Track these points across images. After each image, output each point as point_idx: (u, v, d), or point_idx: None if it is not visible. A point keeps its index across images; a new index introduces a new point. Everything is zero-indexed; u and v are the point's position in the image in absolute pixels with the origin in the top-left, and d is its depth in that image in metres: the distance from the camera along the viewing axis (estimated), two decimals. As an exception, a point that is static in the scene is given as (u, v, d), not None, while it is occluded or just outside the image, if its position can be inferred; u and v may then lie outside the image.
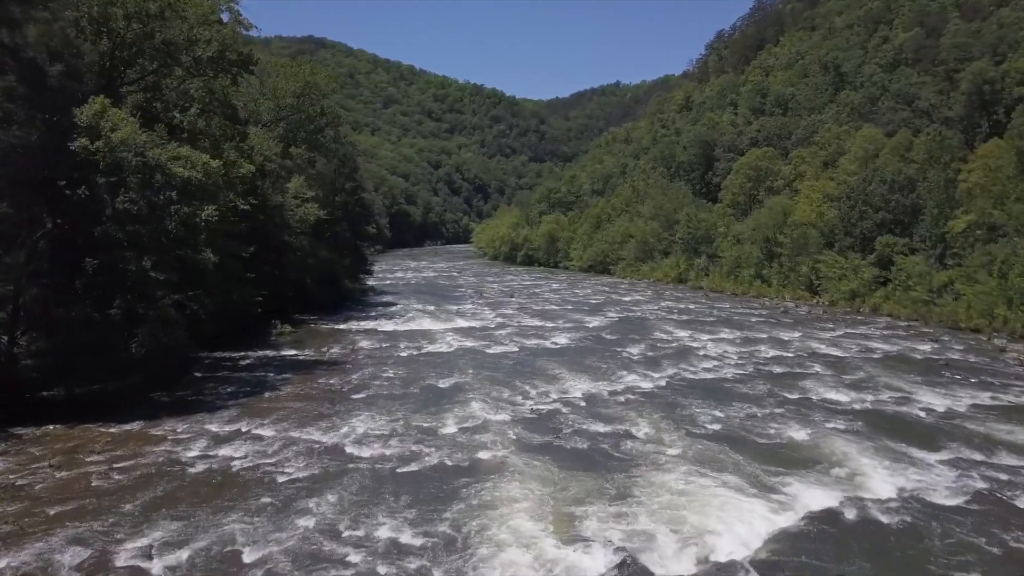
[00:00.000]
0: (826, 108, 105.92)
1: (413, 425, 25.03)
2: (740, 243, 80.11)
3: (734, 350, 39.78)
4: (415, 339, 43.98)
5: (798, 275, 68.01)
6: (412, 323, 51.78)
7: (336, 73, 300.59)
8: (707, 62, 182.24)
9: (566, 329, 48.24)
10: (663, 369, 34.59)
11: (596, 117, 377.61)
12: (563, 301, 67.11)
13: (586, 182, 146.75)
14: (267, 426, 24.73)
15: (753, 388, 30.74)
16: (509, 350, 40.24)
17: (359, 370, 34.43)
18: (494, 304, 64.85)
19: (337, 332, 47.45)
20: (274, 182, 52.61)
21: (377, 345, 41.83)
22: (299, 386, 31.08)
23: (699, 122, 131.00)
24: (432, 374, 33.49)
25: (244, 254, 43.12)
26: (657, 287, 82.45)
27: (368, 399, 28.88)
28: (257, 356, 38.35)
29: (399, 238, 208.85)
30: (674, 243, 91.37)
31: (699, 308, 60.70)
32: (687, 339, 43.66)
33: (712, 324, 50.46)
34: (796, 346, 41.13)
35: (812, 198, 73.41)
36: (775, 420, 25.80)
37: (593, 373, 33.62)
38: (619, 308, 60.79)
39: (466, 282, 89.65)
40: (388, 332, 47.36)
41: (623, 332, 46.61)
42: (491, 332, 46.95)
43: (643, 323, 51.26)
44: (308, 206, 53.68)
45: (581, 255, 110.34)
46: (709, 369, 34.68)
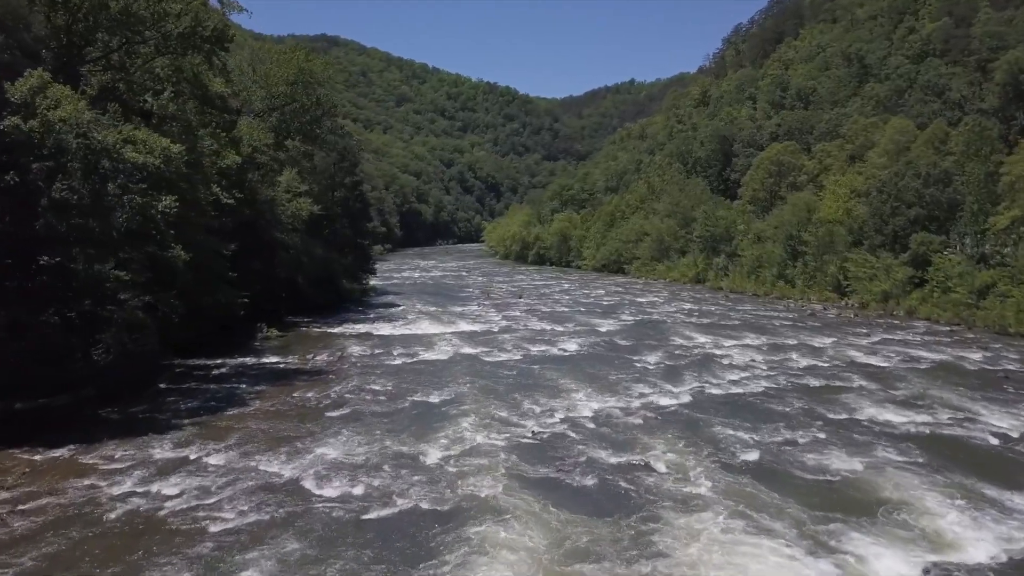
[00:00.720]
0: (850, 101, 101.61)
1: (392, 452, 21.29)
2: (761, 241, 76.05)
3: (762, 358, 35.82)
4: (411, 345, 40.29)
5: (825, 275, 63.91)
6: (411, 326, 48.12)
7: (349, 71, 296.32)
8: (724, 56, 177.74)
9: (576, 333, 44.43)
10: (684, 381, 30.68)
11: (610, 115, 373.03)
12: (574, 302, 63.30)
13: (600, 179, 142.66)
14: (221, 452, 21.07)
15: (789, 405, 26.79)
16: (512, 358, 36.45)
17: (343, 381, 30.73)
18: (501, 306, 61.11)
19: (328, 336, 43.84)
20: (264, 175, 49.08)
21: (369, 351, 38.17)
22: (271, 400, 27.43)
23: (716, 117, 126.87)
24: (423, 386, 29.76)
25: (226, 251, 39.58)
26: (674, 287, 78.45)
27: (346, 417, 25.18)
28: (235, 364, 34.75)
29: (410, 237, 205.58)
30: (691, 242, 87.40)
31: (720, 310, 56.71)
32: (709, 345, 39.75)
33: (735, 328, 46.50)
34: (830, 354, 37.12)
35: (838, 194, 69.28)
36: (819, 447, 21.87)
37: (604, 386, 29.78)
38: (634, 310, 56.91)
39: (474, 282, 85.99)
40: (383, 336, 43.70)
41: (638, 337, 42.76)
42: (494, 337, 43.21)
43: (660, 327, 47.38)
44: (301, 201, 50.08)
45: (594, 254, 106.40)
46: (736, 382, 30.71)
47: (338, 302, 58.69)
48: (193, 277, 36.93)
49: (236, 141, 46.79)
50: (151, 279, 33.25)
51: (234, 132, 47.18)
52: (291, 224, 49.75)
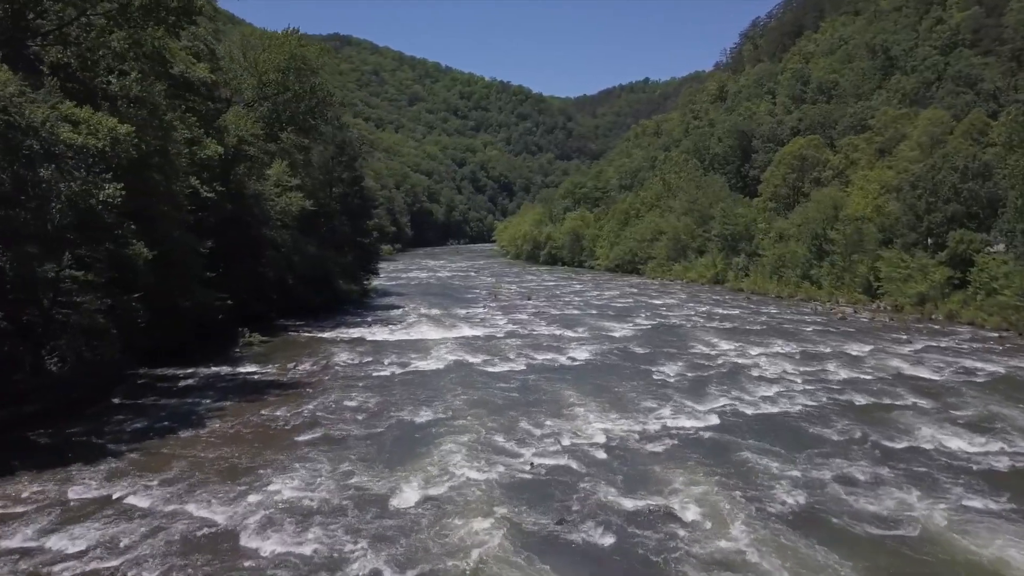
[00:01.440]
0: (875, 94, 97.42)
1: (360, 489, 17.57)
2: (783, 240, 71.96)
3: (795, 369, 31.86)
4: (406, 352, 36.60)
5: (854, 276, 59.79)
6: (409, 331, 44.44)
7: (361, 70, 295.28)
8: (741, 51, 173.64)
9: (587, 339, 40.60)
10: (709, 398, 26.78)
11: (624, 114, 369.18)
12: (586, 305, 59.44)
13: (613, 177, 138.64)
14: (153, 489, 17.42)
15: (834, 429, 22.84)
16: (514, 368, 32.62)
17: (321, 396, 27.03)
18: (507, 308, 57.36)
19: (317, 342, 40.20)
20: (251, 167, 45.55)
21: (358, 360, 34.48)
22: (234, 419, 23.77)
23: (734, 112, 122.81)
24: (411, 403, 26.03)
25: (202, 249, 36.05)
26: (692, 289, 74.43)
27: (315, 442, 21.47)
28: (206, 374, 31.15)
29: (421, 237, 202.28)
30: (709, 240, 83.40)
31: (742, 314, 52.71)
32: (734, 354, 35.82)
33: (760, 333, 42.57)
34: (871, 364, 33.12)
35: (867, 189, 65.19)
36: (879, 486, 17.97)
37: (617, 403, 25.93)
38: (650, 313, 53.01)
39: (481, 283, 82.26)
40: (377, 342, 40.05)
41: (656, 344, 38.89)
42: (498, 343, 39.44)
43: (679, 332, 43.49)
44: (291, 195, 46.47)
45: (607, 254, 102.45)
46: (769, 398, 26.76)
47: (335, 304, 55.15)
48: (164, 277, 33.56)
49: (220, 131, 43.36)
50: (113, 280, 29.76)
51: (218, 121, 43.72)
52: (281, 220, 46.20)
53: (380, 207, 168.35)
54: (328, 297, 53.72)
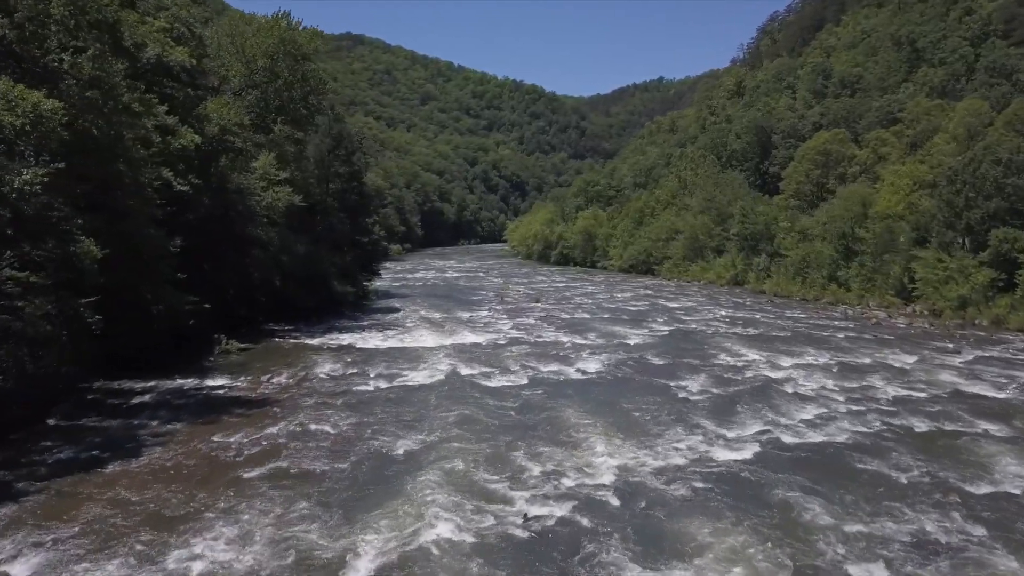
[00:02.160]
0: (901, 87, 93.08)
1: (302, 553, 13.83)
2: (808, 239, 67.94)
3: (835, 385, 27.95)
4: (397, 362, 32.95)
5: (886, 278, 55.76)
6: (405, 337, 40.84)
7: (373, 70, 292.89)
8: (759, 46, 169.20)
9: (598, 348, 36.79)
10: (740, 422, 22.89)
11: (638, 113, 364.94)
12: (598, 308, 55.60)
13: (627, 175, 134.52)
14: (42, 549, 13.76)
15: (896, 465, 18.91)
16: (516, 382, 28.85)
17: (288, 417, 23.36)
18: (514, 311, 53.63)
19: (302, 349, 36.62)
20: (235, 160, 42.04)
21: (342, 371, 30.84)
22: (179, 448, 20.13)
23: (753, 107, 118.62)
24: (390, 427, 22.30)
25: (173, 247, 32.48)
26: (710, 290, 70.46)
27: (265, 478, 17.81)
28: (168, 387, 27.58)
29: (431, 236, 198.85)
30: (728, 240, 79.46)
31: (766, 318, 48.77)
32: (763, 365, 31.94)
33: (790, 341, 38.65)
34: (921, 379, 29.17)
35: (899, 185, 61.12)
36: (970, 550, 14.10)
37: (633, 429, 22.09)
38: (667, 318, 49.14)
39: (489, 284, 78.54)
40: (368, 350, 36.43)
41: (675, 353, 35.04)
42: (500, 352, 35.72)
43: (700, 340, 39.62)
44: (278, 190, 42.88)
45: (621, 254, 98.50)
46: (812, 423, 22.82)
47: (330, 306, 51.56)
48: (128, 278, 30.19)
49: (200, 119, 39.86)
50: (67, 282, 26.31)
51: (198, 109, 40.21)
52: (268, 217, 42.62)
53: (389, 206, 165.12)
54: (322, 299, 50.13)
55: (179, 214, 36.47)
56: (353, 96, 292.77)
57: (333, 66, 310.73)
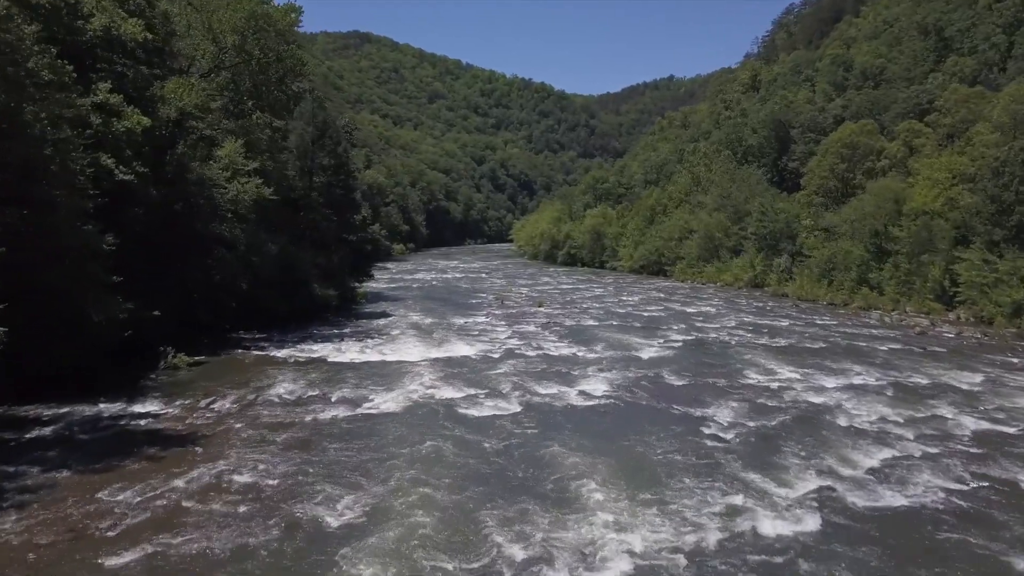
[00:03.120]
0: (929, 77, 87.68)
1: None
2: (834, 238, 62.79)
3: (896, 414, 22.87)
4: (369, 380, 28.05)
5: (924, 281, 50.55)
6: (387, 348, 35.97)
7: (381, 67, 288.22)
8: (774, 39, 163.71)
9: (606, 363, 31.78)
10: (790, 472, 17.76)
11: (648, 111, 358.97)
12: (606, 313, 50.58)
13: (638, 172, 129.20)
14: None
15: (1012, 543, 13.90)
16: (505, 411, 23.83)
17: (210, 461, 18.39)
18: (515, 316, 48.69)
19: (262, 364, 31.76)
20: (195, 146, 37.25)
21: (299, 393, 25.96)
22: (44, 511, 15.16)
23: (770, 101, 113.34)
24: (334, 480, 17.31)
25: (107, 246, 27.67)
26: (727, 293, 65.37)
27: (137, 567, 12.88)
28: (81, 417, 22.68)
29: (437, 236, 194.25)
30: (745, 239, 74.32)
31: (795, 326, 43.70)
32: (802, 386, 26.90)
33: (828, 355, 33.57)
34: (996, 404, 24.10)
35: (936, 179, 55.84)
36: None
37: (651, 485, 16.97)
38: (683, 325, 44.11)
39: (491, 286, 73.59)
40: (339, 365, 31.58)
41: (696, 371, 30.00)
42: (492, 368, 30.78)
43: (723, 353, 34.58)
44: (244, 181, 37.99)
45: (631, 254, 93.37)
46: (882, 473, 17.70)
47: (312, 311, 46.78)
48: (50, 282, 25.64)
49: (154, 101, 35.09)
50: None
51: (152, 90, 35.44)
52: (233, 212, 37.72)
53: (392, 204, 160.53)
54: (300, 304, 45.29)
55: (122, 207, 31.79)
56: (360, 94, 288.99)
57: (340, 64, 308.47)
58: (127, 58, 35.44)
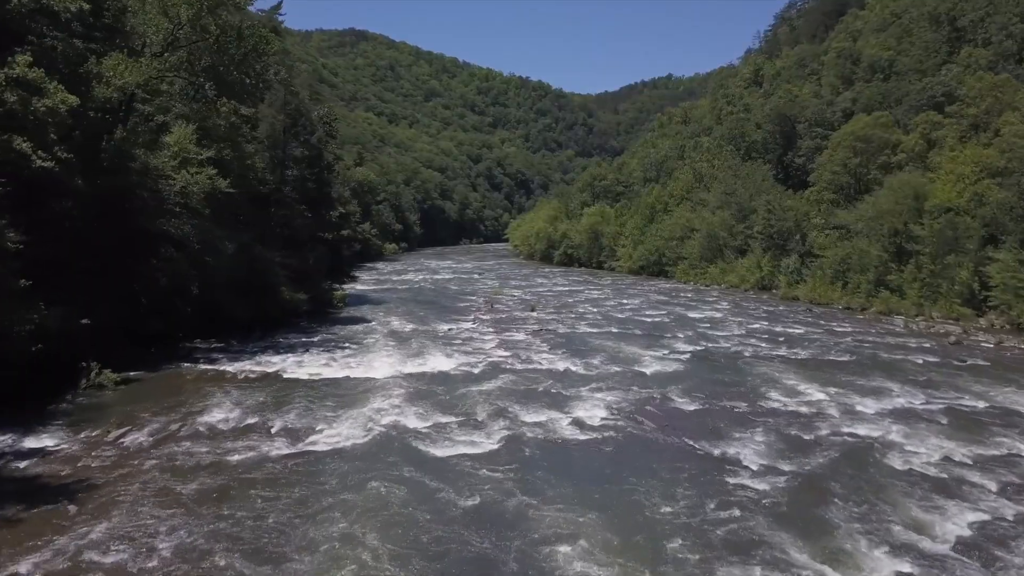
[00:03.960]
0: (943, 69, 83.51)
1: None
2: (847, 238, 58.56)
3: (964, 454, 18.47)
4: (323, 404, 23.73)
5: (951, 283, 46.30)
6: (355, 361, 31.66)
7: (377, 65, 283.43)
8: (776, 34, 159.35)
9: (604, 381, 27.44)
10: (846, 542, 13.35)
11: (647, 110, 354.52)
12: (604, 319, 46.28)
13: (637, 169, 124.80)
14: None
15: None
16: (479, 448, 19.40)
17: (84, 524, 14.06)
18: (503, 323, 44.41)
19: (204, 381, 27.38)
20: (136, 130, 32.89)
21: (236, 421, 21.60)
22: None
23: (774, 95, 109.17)
24: (246, 551, 13.04)
25: (11, 244, 23.35)
26: (734, 296, 61.11)
27: None
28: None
29: (432, 235, 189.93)
30: (752, 238, 70.01)
31: (813, 334, 39.41)
32: (838, 411, 22.59)
33: (858, 370, 29.26)
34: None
35: (960, 173, 51.70)
36: None
37: (655, 560, 12.69)
38: (689, 332, 39.82)
39: (483, 288, 69.26)
40: (295, 383, 27.25)
41: (709, 391, 25.68)
42: (471, 387, 26.44)
43: (738, 367, 30.26)
44: (194, 171, 33.53)
45: (630, 254, 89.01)
46: (973, 549, 13.19)
47: (281, 317, 42.49)
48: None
49: (87, 79, 30.74)
50: None
51: (86, 66, 31.08)
52: (182, 206, 33.29)
53: (384, 203, 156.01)
54: (267, 309, 40.98)
55: (43, 199, 27.58)
56: (354, 91, 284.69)
57: (335, 62, 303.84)
58: (59, 31, 31.20)
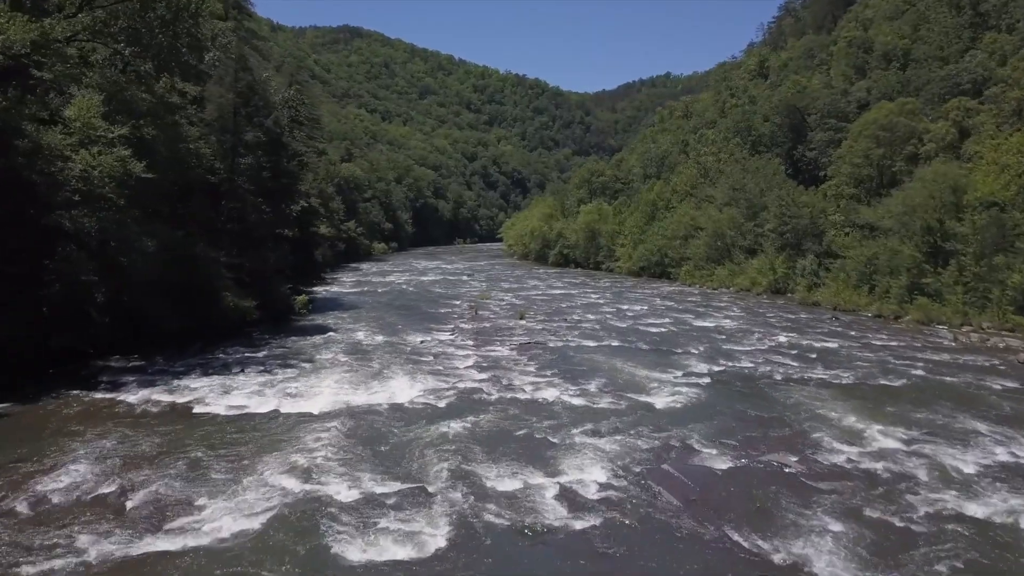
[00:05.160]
0: (966, 56, 77.57)
1: None
2: (873, 236, 52.54)
3: None
4: (224, 457, 17.54)
5: (1002, 288, 40.23)
6: (294, 387, 25.51)
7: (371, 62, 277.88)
8: (781, 25, 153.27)
9: (603, 421, 21.18)
10: None
11: (645, 109, 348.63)
12: (603, 329, 40.09)
13: (636, 165, 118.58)
14: None
15: None
16: (425, 549, 13.00)
17: None
18: (487, 333, 38.25)
19: (83, 418, 21.12)
20: (22, 100, 26.64)
21: (88, 486, 15.45)
22: None
23: (781, 87, 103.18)
24: None
25: None
26: (746, 301, 54.98)
27: None
28: None
29: (425, 234, 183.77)
30: (763, 237, 63.86)
31: (850, 349, 33.23)
32: (925, 473, 16.47)
33: (923, 401, 23.14)
34: None
35: (1005, 163, 45.74)
36: None
37: None
38: (702, 347, 33.64)
39: (469, 291, 63.01)
40: (202, 421, 21.08)
41: (744, 439, 19.41)
42: (428, 430, 20.21)
43: (772, 398, 24.07)
44: (96, 151, 27.22)
45: (630, 254, 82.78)
46: None
47: (226, 327, 36.33)
48: None
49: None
50: None
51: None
52: (82, 193, 26.99)
53: (372, 200, 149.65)
54: (206, 319, 34.78)
55: None
56: (347, 88, 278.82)
57: (328, 58, 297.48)
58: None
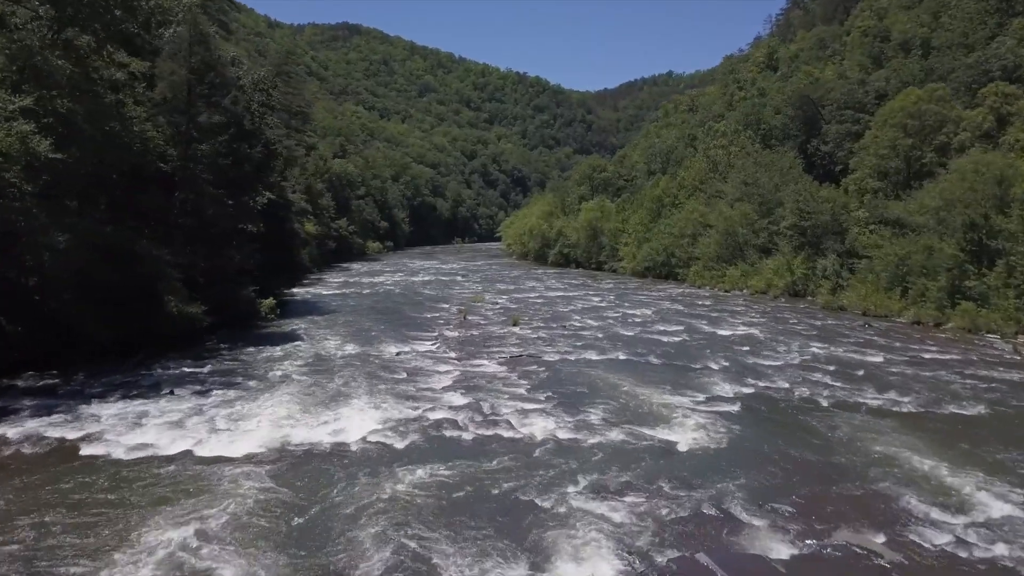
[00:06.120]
0: (993, 42, 72.72)
1: None
2: (903, 233, 47.59)
3: None
4: (88, 540, 12.65)
5: (1061, 292, 35.34)
6: (223, 416, 20.68)
7: (370, 60, 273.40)
8: (789, 17, 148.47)
9: (610, 470, 16.27)
10: None
11: (646, 107, 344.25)
12: (607, 337, 35.12)
13: (640, 161, 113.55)
14: None
15: None
16: None
17: None
18: (474, 343, 33.34)
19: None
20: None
21: None
22: None
23: (792, 78, 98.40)
24: None
25: None
26: (763, 304, 49.95)
27: None
28: None
29: (423, 234, 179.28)
30: (779, 235, 58.80)
31: (896, 364, 28.26)
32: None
33: (1008, 436, 18.25)
34: None
35: (1057, 152, 40.84)
36: None
37: None
38: (725, 361, 28.70)
39: (460, 293, 58.10)
40: (86, 469, 16.28)
41: (799, 495, 14.54)
42: (380, 488, 15.35)
43: (822, 433, 19.12)
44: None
45: (634, 253, 77.69)
46: None
47: (174, 336, 31.48)
48: None
49: None
50: None
51: None
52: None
53: (366, 198, 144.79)
54: (147, 327, 29.91)
55: None
56: (345, 85, 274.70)
57: (326, 55, 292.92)
58: None
